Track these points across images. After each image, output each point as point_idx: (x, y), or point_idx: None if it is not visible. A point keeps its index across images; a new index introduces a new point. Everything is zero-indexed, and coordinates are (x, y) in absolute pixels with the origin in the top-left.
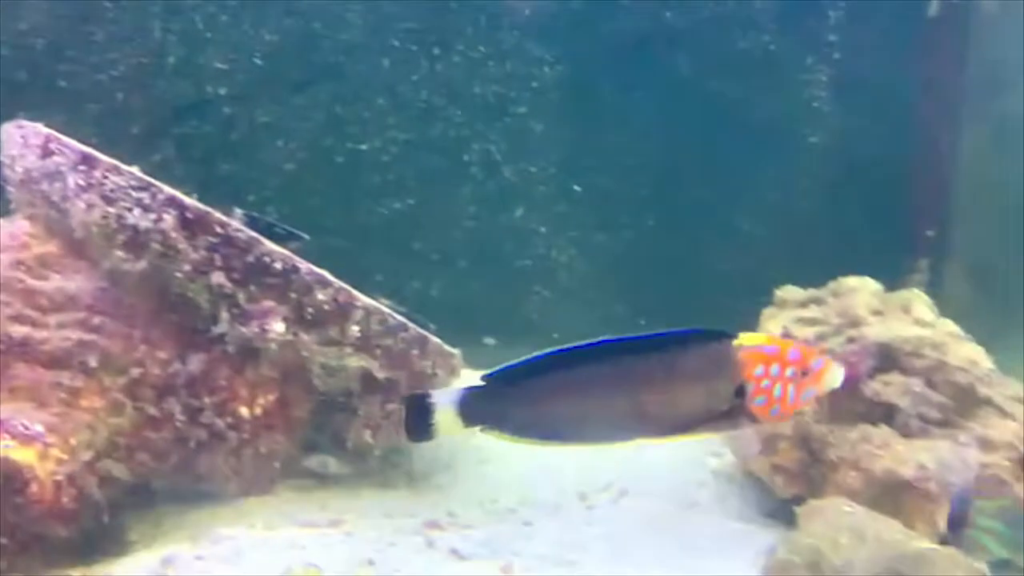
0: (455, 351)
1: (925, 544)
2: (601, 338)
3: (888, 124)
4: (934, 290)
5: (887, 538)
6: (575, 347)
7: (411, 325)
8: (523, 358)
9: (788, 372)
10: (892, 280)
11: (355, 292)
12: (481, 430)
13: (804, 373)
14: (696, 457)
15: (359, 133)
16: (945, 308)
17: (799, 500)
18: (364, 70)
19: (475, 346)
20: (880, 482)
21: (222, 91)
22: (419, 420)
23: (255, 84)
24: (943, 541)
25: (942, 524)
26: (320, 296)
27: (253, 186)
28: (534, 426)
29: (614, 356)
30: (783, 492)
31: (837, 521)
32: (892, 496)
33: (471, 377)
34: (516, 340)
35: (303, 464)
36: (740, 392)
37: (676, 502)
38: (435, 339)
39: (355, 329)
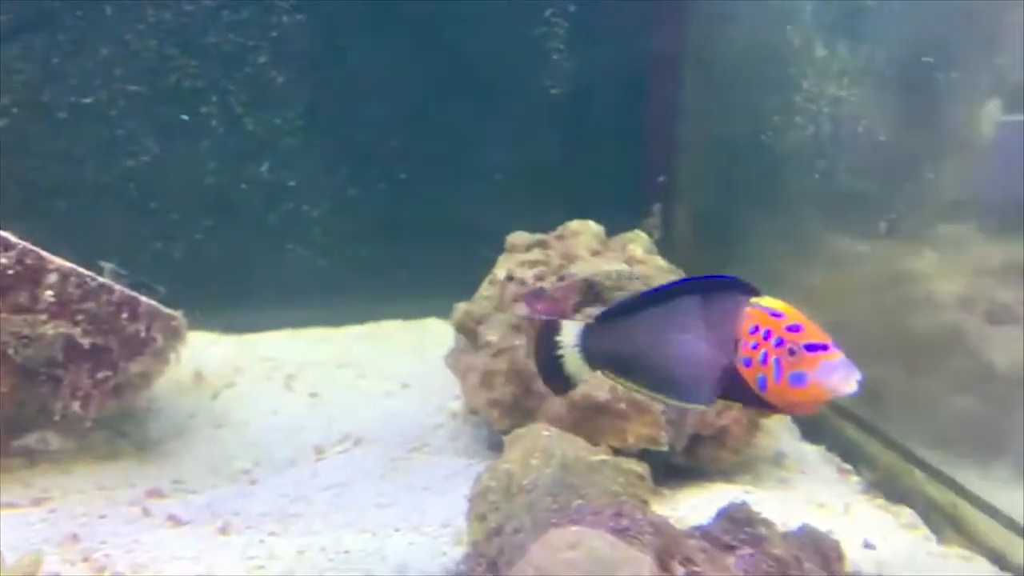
0: (176, 313)
1: (598, 457)
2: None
3: (622, 75)
4: (666, 231)
5: (570, 455)
6: (656, 289)
7: (116, 287)
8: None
9: (774, 341)
10: (631, 223)
11: (46, 254)
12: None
13: (792, 352)
14: (439, 402)
15: (82, 86)
16: (675, 248)
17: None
18: (84, 17)
19: (225, 307)
20: (579, 406)
21: None
22: (551, 367)
23: None
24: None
25: (632, 438)
26: (2, 260)
27: None
28: (628, 368)
29: (667, 297)
30: (499, 425)
31: (533, 445)
32: (589, 417)
33: (206, 339)
34: (270, 299)
35: (17, 443)
36: (735, 347)
37: (408, 446)
38: (148, 301)
39: (48, 294)
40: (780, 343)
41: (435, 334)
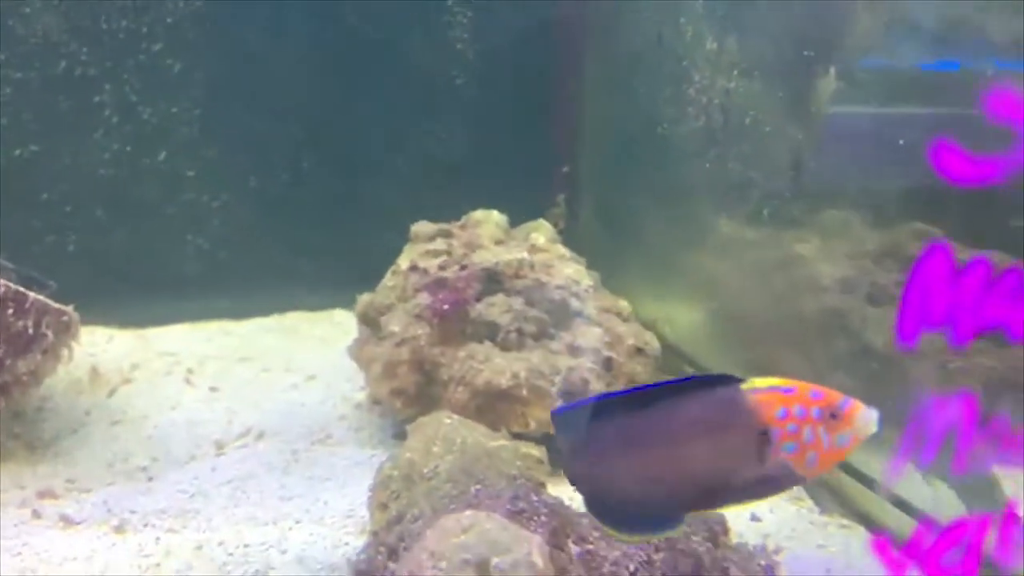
0: (67, 308)
1: (497, 443)
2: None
3: (525, 66)
4: (570, 221)
5: (470, 442)
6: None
7: (1, 283)
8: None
9: (814, 412)
10: (538, 213)
11: None
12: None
13: (833, 415)
14: (344, 393)
15: None
16: (578, 237)
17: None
18: None
19: (123, 301)
20: (482, 393)
21: None
22: None
23: None
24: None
25: (533, 423)
26: None
27: None
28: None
29: (618, 411)
30: (403, 414)
31: (435, 432)
32: (492, 404)
33: (103, 334)
34: (170, 293)
35: None
36: (764, 441)
37: (311, 438)
38: (36, 296)
39: None
40: (820, 414)
41: (341, 325)
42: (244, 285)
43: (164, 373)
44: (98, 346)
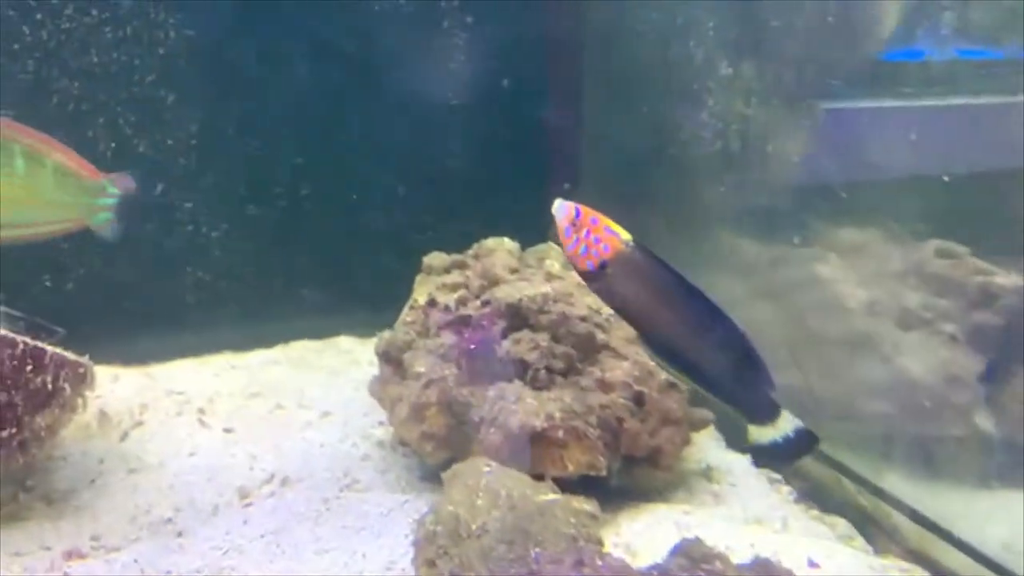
0: (83, 359)
1: (547, 497)
2: None
3: (522, 84)
4: None
5: (516, 495)
6: None
7: (20, 339)
8: None
9: None
10: (539, 231)
11: None
12: None
13: None
14: (362, 430)
15: None
16: None
17: (449, 464)
18: None
19: (125, 338)
20: (516, 435)
21: None
22: None
23: None
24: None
25: (571, 466)
26: None
27: None
28: None
29: None
30: (433, 458)
31: (475, 483)
32: (527, 446)
33: (107, 374)
34: (172, 327)
35: None
36: None
37: (338, 483)
38: (53, 349)
39: None
40: None
41: (349, 353)
42: (246, 315)
43: (175, 413)
44: (104, 387)
